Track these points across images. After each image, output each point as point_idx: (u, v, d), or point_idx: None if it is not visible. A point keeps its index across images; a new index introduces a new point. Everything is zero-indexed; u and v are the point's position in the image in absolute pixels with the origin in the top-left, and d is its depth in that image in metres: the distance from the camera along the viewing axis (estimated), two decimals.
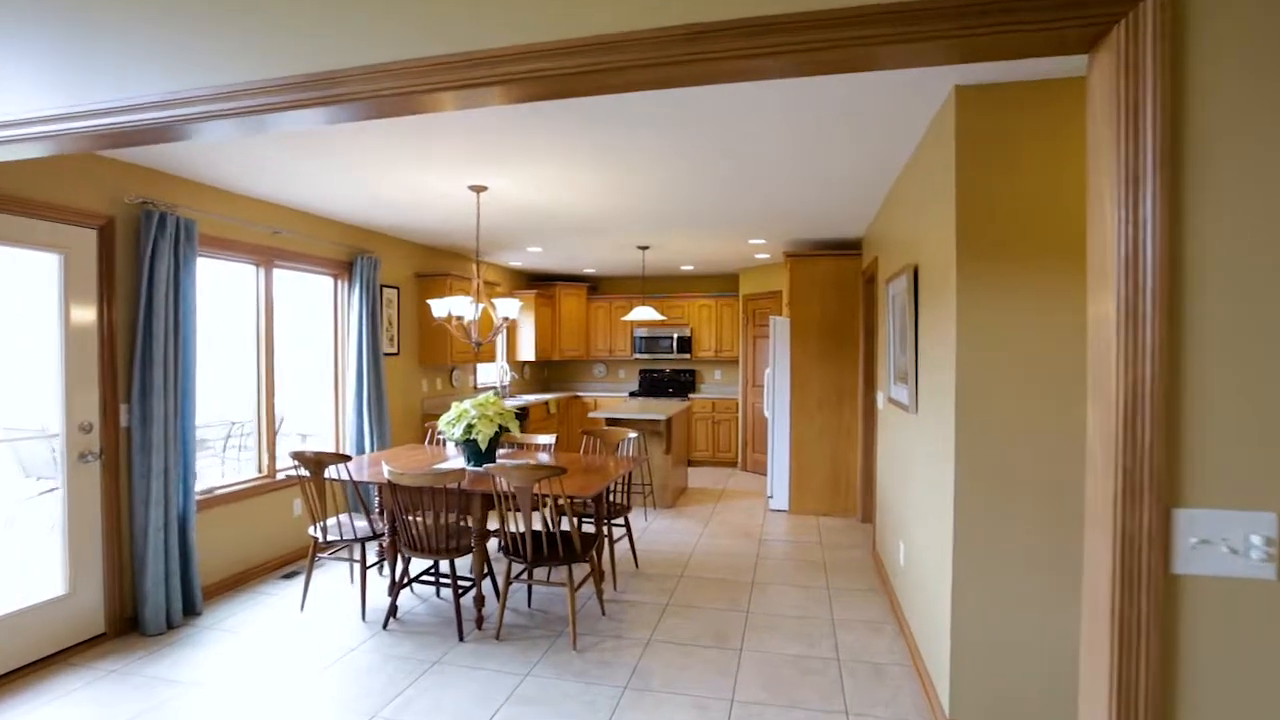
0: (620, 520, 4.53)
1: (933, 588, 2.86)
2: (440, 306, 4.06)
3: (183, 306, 3.76)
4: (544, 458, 4.49)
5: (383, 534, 3.81)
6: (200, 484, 4.11)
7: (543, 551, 3.46)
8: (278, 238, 4.60)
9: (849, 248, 6.29)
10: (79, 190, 3.35)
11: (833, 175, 3.83)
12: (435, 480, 3.36)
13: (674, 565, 4.68)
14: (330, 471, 3.74)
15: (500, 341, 8.24)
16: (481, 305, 4.25)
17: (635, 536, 5.40)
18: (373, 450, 5.34)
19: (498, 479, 3.36)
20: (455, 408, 4.00)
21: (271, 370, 4.62)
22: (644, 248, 6.55)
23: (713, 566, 4.65)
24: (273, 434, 4.64)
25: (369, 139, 3.22)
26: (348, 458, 3.65)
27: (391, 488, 3.48)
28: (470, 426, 3.90)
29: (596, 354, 9.21)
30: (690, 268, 8.21)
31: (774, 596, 4.08)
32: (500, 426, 3.98)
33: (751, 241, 6.18)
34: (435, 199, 4.43)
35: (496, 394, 8.16)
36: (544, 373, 9.58)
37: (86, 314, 3.41)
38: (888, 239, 4.32)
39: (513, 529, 4.37)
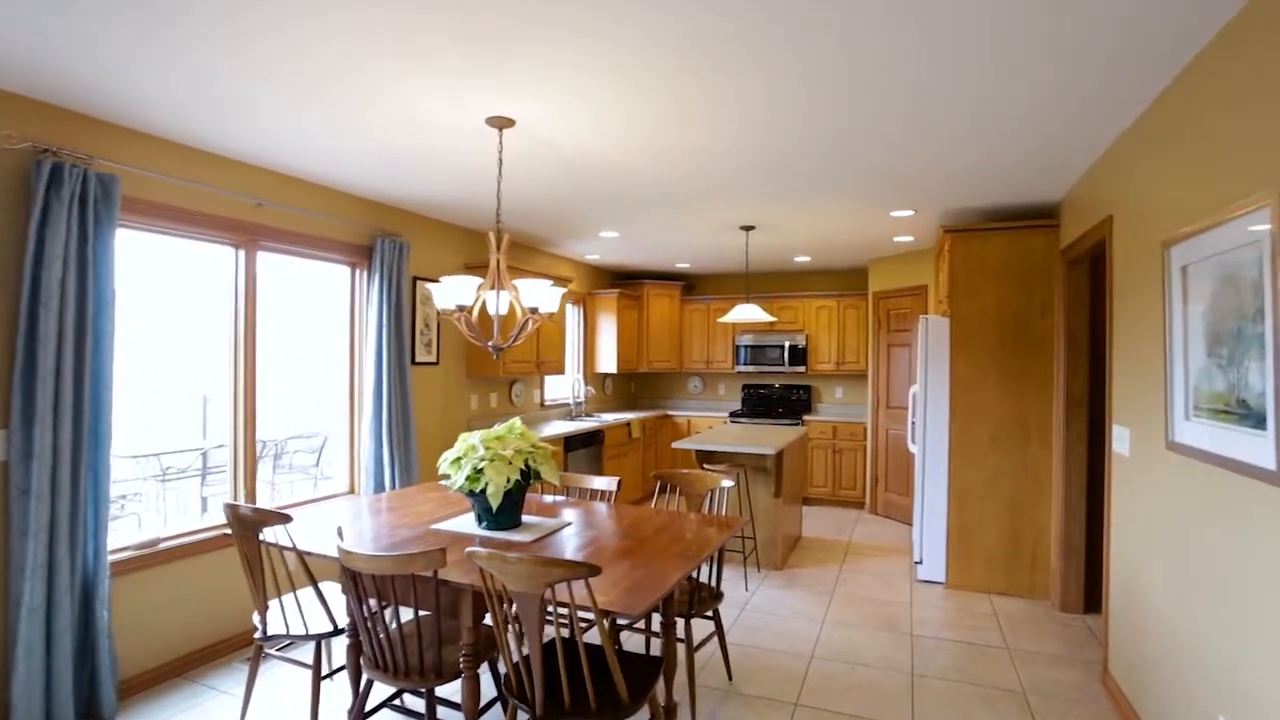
0: (709, 612, 3.06)
1: None
2: (443, 293, 2.80)
3: (93, 295, 2.71)
4: (601, 509, 3.14)
5: (343, 630, 2.57)
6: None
7: (562, 701, 2.07)
8: (262, 210, 3.53)
9: (1034, 217, 4.54)
10: None
11: (1058, 63, 2.23)
12: (398, 566, 2.07)
13: (785, 678, 3.17)
14: (268, 535, 2.54)
15: (575, 350, 6.99)
16: (509, 295, 2.96)
17: (732, 617, 3.92)
18: (394, 486, 4.18)
19: (488, 574, 2.02)
20: (460, 441, 2.72)
21: (252, 380, 3.55)
22: (748, 228, 5.08)
23: (844, 685, 3.10)
24: (252, 464, 3.56)
25: (334, 16, 1.99)
26: (288, 518, 2.44)
27: (347, 571, 2.24)
28: (478, 472, 2.61)
29: (691, 365, 7.77)
30: (806, 259, 6.63)
31: None
32: (523, 470, 2.66)
33: (894, 214, 4.57)
34: (443, 137, 3.20)
35: (570, 413, 6.93)
36: (630, 387, 8.25)
37: None
38: (1140, 184, 2.64)
39: (515, 649, 2.72)
